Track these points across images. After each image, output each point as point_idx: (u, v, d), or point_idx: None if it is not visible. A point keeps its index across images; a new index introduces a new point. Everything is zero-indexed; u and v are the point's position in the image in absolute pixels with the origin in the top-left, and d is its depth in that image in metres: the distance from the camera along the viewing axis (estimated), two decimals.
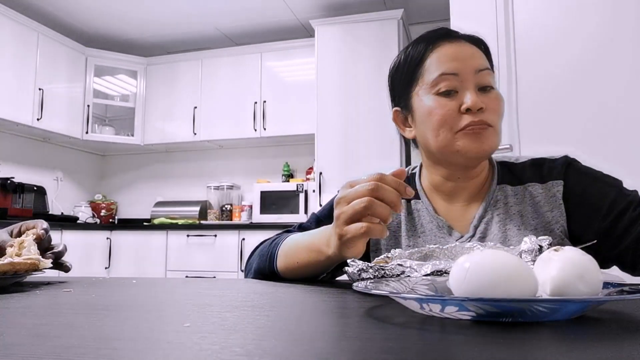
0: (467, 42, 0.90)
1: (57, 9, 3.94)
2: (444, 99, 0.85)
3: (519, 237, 0.86)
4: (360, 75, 3.60)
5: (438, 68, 0.87)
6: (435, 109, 0.86)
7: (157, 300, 0.62)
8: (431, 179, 0.96)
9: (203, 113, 4.31)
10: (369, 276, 0.65)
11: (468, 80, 0.85)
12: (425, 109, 0.88)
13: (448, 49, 0.88)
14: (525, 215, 0.88)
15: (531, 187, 0.90)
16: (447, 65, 0.86)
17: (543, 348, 0.33)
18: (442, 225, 0.92)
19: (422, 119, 0.89)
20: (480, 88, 0.86)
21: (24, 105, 3.71)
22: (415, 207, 0.96)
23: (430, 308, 0.43)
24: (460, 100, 0.84)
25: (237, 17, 4.10)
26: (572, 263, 0.44)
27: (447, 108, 0.85)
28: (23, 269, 0.71)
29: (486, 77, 0.86)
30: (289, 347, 0.34)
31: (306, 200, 3.86)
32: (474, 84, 0.85)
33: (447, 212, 0.93)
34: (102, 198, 4.67)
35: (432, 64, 0.88)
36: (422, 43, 0.92)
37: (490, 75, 0.88)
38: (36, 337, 0.37)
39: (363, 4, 3.85)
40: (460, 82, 0.85)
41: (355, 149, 3.53)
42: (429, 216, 0.94)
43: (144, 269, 3.96)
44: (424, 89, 0.88)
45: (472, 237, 0.89)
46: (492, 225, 0.89)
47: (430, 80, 0.87)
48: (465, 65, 0.86)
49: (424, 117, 0.88)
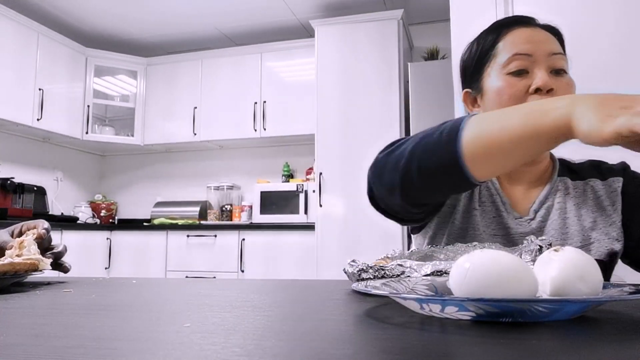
0: (541, 29, 0.91)
1: (57, 9, 3.94)
2: (514, 79, 0.86)
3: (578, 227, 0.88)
4: (360, 75, 3.60)
5: (512, 49, 0.88)
6: (505, 87, 0.87)
7: (157, 300, 0.62)
8: None
9: (203, 113, 4.32)
10: (369, 276, 0.65)
11: (541, 62, 0.85)
12: (495, 88, 0.89)
13: (523, 32, 0.89)
14: (585, 207, 0.90)
15: (592, 182, 0.92)
16: (521, 47, 0.87)
17: (543, 348, 0.33)
18: (504, 201, 0.92)
19: (490, 98, 0.90)
20: (553, 71, 0.86)
21: (24, 105, 3.71)
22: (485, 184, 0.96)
23: (430, 308, 0.43)
24: (530, 81, 0.85)
25: (237, 17, 4.11)
26: (572, 263, 0.44)
27: (516, 88, 0.85)
28: (23, 269, 0.71)
29: (560, 60, 0.87)
30: (289, 347, 0.34)
31: (306, 201, 3.86)
32: (546, 65, 0.85)
33: (509, 193, 0.94)
34: (102, 198, 4.67)
35: (506, 45, 0.89)
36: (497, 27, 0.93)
37: (564, 60, 0.88)
38: (36, 337, 0.37)
39: (363, 4, 3.85)
40: (532, 63, 0.86)
41: (355, 149, 3.53)
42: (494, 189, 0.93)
43: (144, 269, 3.96)
44: (495, 69, 0.89)
45: (532, 220, 0.90)
46: (553, 212, 0.90)
47: (504, 59, 0.88)
48: (539, 47, 0.86)
49: (492, 96, 0.89)
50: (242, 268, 3.77)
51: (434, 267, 0.62)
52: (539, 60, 0.85)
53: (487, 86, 0.91)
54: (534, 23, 0.92)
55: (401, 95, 3.53)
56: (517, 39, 0.88)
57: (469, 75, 0.96)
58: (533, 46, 0.86)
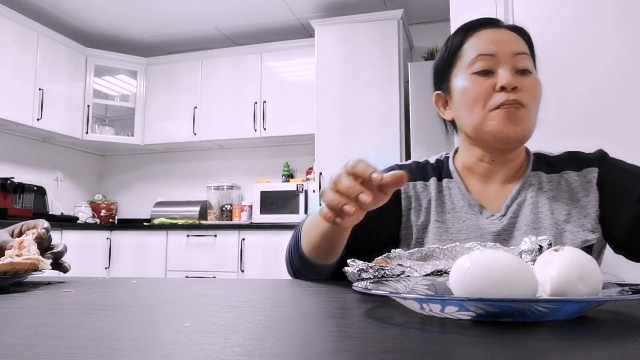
0: (507, 30, 0.92)
1: (57, 9, 3.94)
2: (480, 78, 0.88)
3: (551, 220, 0.88)
4: (360, 75, 3.60)
5: (476, 49, 0.89)
6: (471, 86, 0.88)
7: (157, 300, 0.62)
8: (466, 160, 0.98)
9: (203, 113, 4.31)
10: (369, 276, 0.65)
11: (505, 61, 0.87)
12: (462, 88, 0.90)
13: (488, 33, 0.91)
14: (559, 200, 0.90)
15: (567, 175, 0.93)
16: (485, 47, 0.89)
17: (543, 348, 0.33)
18: (473, 204, 0.94)
19: (458, 98, 0.92)
20: (518, 71, 0.87)
21: (24, 105, 3.71)
22: (447, 185, 0.98)
23: (430, 308, 0.43)
24: (495, 80, 0.86)
25: (237, 17, 4.11)
26: (572, 263, 0.44)
27: (482, 87, 0.87)
28: (23, 269, 0.71)
29: (524, 60, 0.88)
30: (289, 347, 0.34)
31: (306, 201, 3.86)
32: (510, 65, 0.87)
33: (481, 193, 0.95)
34: (102, 198, 4.67)
35: (471, 46, 0.91)
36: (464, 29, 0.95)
37: (528, 60, 0.89)
38: (36, 337, 0.37)
39: (363, 4, 3.85)
40: (496, 63, 0.87)
41: (355, 149, 3.53)
42: (461, 194, 0.96)
43: (144, 269, 3.96)
44: (461, 69, 0.91)
45: (504, 216, 0.91)
46: (525, 207, 0.91)
47: (469, 60, 0.90)
48: (503, 47, 0.88)
49: (460, 95, 0.91)
50: (242, 268, 3.77)
51: (434, 267, 0.62)
52: (503, 60, 0.87)
53: (454, 86, 0.93)
54: (499, 24, 0.93)
55: (401, 95, 3.53)
56: (482, 40, 0.90)
57: (439, 77, 0.98)
58: (497, 46, 0.88)
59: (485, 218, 0.92)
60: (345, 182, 0.65)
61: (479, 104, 0.87)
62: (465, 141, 0.97)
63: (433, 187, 0.98)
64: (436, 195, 0.97)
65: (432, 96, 1.01)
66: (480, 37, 0.91)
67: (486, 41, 0.89)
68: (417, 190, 0.99)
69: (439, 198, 0.97)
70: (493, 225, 0.90)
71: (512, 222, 0.90)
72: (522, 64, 0.87)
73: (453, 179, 0.98)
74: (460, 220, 0.93)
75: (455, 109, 0.94)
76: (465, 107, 0.90)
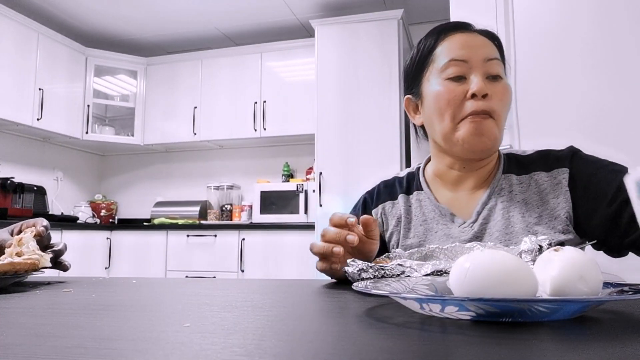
0: (478, 34, 0.92)
1: (57, 9, 3.94)
2: (453, 84, 0.87)
3: (522, 224, 0.87)
4: (360, 75, 3.60)
5: (448, 54, 0.89)
6: (443, 92, 0.88)
7: (157, 300, 0.62)
8: (437, 168, 0.98)
9: (203, 113, 4.31)
10: (369, 276, 0.65)
11: (477, 67, 0.87)
12: (434, 93, 0.90)
13: (459, 37, 0.91)
14: (530, 202, 0.89)
15: (537, 176, 0.91)
16: (457, 52, 0.88)
17: (543, 348, 0.33)
18: (444, 213, 0.94)
19: (429, 103, 0.91)
20: (489, 77, 0.87)
21: (24, 105, 3.71)
22: (417, 197, 0.99)
23: (430, 308, 0.43)
24: (467, 86, 0.86)
25: (237, 17, 4.11)
26: (572, 263, 0.44)
27: (454, 93, 0.87)
28: (23, 269, 0.71)
29: (495, 66, 0.88)
30: (289, 347, 0.34)
31: (306, 200, 3.86)
32: (482, 71, 0.87)
33: (451, 201, 0.95)
34: (102, 198, 4.67)
35: (443, 51, 0.90)
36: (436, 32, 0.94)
37: (499, 65, 0.89)
38: (36, 337, 0.37)
39: (363, 4, 3.85)
40: (468, 69, 0.87)
41: (355, 149, 3.53)
42: (431, 205, 0.96)
43: (144, 269, 3.96)
44: (434, 74, 0.91)
45: (474, 223, 0.90)
46: (495, 212, 0.90)
47: (440, 65, 0.89)
48: (475, 53, 0.87)
49: (431, 101, 0.91)
50: (242, 268, 3.77)
51: (434, 267, 0.62)
52: (475, 66, 0.87)
53: (426, 91, 0.92)
54: (471, 29, 0.93)
55: (401, 95, 3.53)
56: (454, 44, 0.90)
57: (410, 81, 0.98)
58: (469, 52, 0.88)
59: (457, 226, 0.91)
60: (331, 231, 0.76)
61: (450, 111, 0.87)
62: (435, 148, 0.97)
63: (402, 203, 0.99)
64: (406, 210, 0.98)
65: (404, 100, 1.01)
66: (452, 42, 0.90)
67: (458, 46, 0.89)
68: (386, 211, 1.01)
69: (408, 213, 0.98)
70: (464, 233, 0.90)
71: (483, 228, 0.89)
72: (493, 69, 0.87)
73: (423, 190, 0.99)
74: (433, 231, 0.93)
75: (426, 115, 0.94)
76: (436, 113, 0.90)
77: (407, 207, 0.98)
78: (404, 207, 0.98)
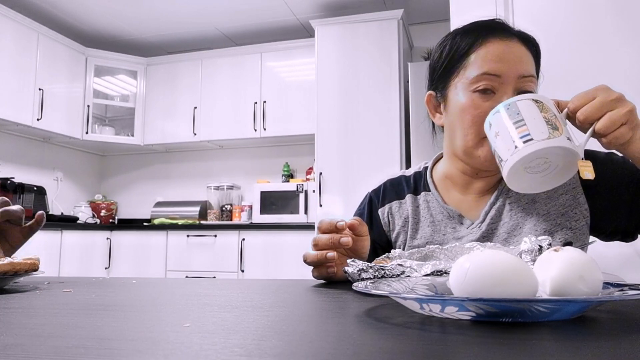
0: (518, 41, 0.87)
1: (57, 9, 3.94)
2: (480, 99, 0.84)
3: (530, 224, 0.87)
4: (360, 75, 3.60)
5: (482, 66, 0.85)
6: (469, 107, 0.85)
7: (157, 300, 0.62)
8: (448, 170, 0.97)
9: (203, 113, 4.32)
10: (369, 276, 0.65)
11: (509, 84, 0.83)
12: (460, 104, 0.87)
13: (497, 46, 0.86)
14: (538, 201, 0.89)
15: None
16: (491, 65, 0.84)
17: (543, 348, 0.33)
18: (452, 215, 0.94)
19: (454, 112, 0.89)
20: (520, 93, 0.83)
21: (24, 105, 3.71)
22: (425, 198, 0.98)
23: (430, 308, 0.43)
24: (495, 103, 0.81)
25: (237, 17, 4.11)
26: (572, 263, 0.44)
27: (480, 109, 0.83)
28: (23, 269, 0.71)
29: (528, 83, 0.85)
30: (289, 347, 0.34)
31: (306, 201, 3.86)
32: (514, 88, 0.84)
33: (460, 202, 0.94)
34: (102, 198, 4.67)
35: (478, 59, 0.86)
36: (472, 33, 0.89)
37: (533, 82, 0.86)
38: (36, 337, 0.37)
39: (363, 4, 3.85)
40: (500, 84, 0.84)
41: (355, 149, 3.53)
42: (439, 207, 0.95)
43: (144, 269, 3.96)
44: (463, 82, 0.87)
45: (482, 223, 0.90)
46: (504, 212, 0.90)
47: (472, 76, 0.85)
48: (510, 68, 0.84)
49: (457, 111, 0.88)
50: (242, 268, 3.77)
51: (434, 267, 0.62)
52: (507, 82, 0.83)
53: (452, 98, 0.89)
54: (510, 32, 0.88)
55: (401, 95, 3.53)
56: (490, 54, 0.85)
57: (436, 79, 0.94)
58: (504, 66, 0.84)
59: (466, 228, 0.91)
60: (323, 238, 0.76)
61: (474, 128, 0.84)
62: (450, 151, 0.94)
63: (409, 203, 0.98)
64: (413, 211, 0.97)
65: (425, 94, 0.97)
66: (488, 50, 0.85)
67: (494, 57, 0.84)
68: (393, 211, 1.00)
69: (416, 214, 0.97)
70: (472, 234, 0.90)
71: (491, 228, 0.90)
72: (526, 87, 0.84)
73: (430, 191, 0.98)
74: (440, 233, 0.93)
75: (449, 121, 0.91)
76: (460, 127, 0.87)
77: (414, 207, 0.98)
78: (412, 207, 0.98)
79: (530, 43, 0.89)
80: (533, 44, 0.90)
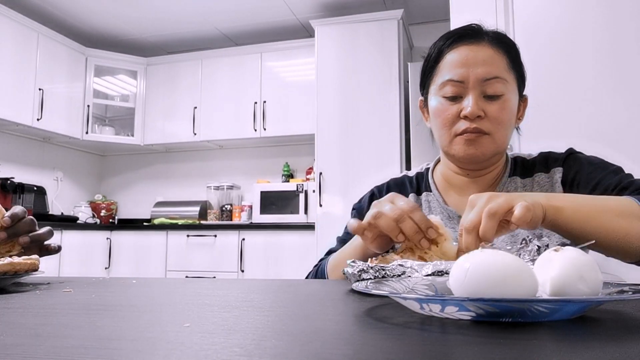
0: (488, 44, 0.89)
1: (57, 9, 3.94)
2: (447, 103, 0.89)
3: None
4: (360, 75, 3.60)
5: (447, 73, 0.90)
6: (439, 111, 0.91)
7: (157, 300, 0.62)
8: (444, 171, 1.01)
9: (203, 113, 4.32)
10: (369, 276, 0.65)
11: (473, 88, 0.87)
12: (433, 108, 0.93)
13: (462, 52, 0.90)
14: None
15: (538, 177, 0.94)
16: (455, 72, 0.89)
17: (543, 348, 0.33)
18: (452, 216, 0.96)
19: (432, 117, 0.95)
20: (486, 96, 0.88)
21: (24, 105, 3.71)
22: (426, 199, 1.01)
23: (430, 308, 0.43)
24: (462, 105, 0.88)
25: (237, 17, 4.11)
26: (572, 263, 0.44)
27: (448, 112, 0.89)
28: (23, 269, 0.71)
29: (493, 85, 0.87)
30: (289, 347, 0.34)
31: (306, 201, 3.86)
32: (479, 92, 0.87)
33: (459, 204, 0.97)
34: (102, 198, 4.67)
35: (445, 67, 0.91)
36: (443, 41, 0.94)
37: (500, 83, 0.88)
38: (36, 337, 0.37)
39: (363, 4, 3.85)
40: (464, 89, 0.88)
41: (355, 149, 3.53)
42: (440, 207, 0.98)
43: (144, 269, 3.96)
44: (434, 89, 0.93)
45: None
46: None
47: (439, 82, 0.91)
48: (473, 72, 0.87)
49: (432, 115, 0.94)
50: (242, 268, 3.77)
51: (434, 267, 0.62)
52: (472, 87, 0.87)
53: (430, 103, 0.95)
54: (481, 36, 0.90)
55: (401, 95, 3.53)
56: (455, 62, 0.89)
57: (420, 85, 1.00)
58: (467, 71, 0.87)
59: None
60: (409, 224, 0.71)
61: (446, 129, 0.90)
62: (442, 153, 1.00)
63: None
64: None
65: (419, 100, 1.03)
66: (454, 57, 0.90)
67: (458, 64, 0.89)
68: None
69: None
70: None
71: None
72: (491, 89, 0.87)
73: (432, 192, 1.01)
74: None
75: (431, 124, 0.97)
76: (435, 127, 0.94)
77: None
78: None
79: (503, 43, 0.91)
80: (506, 43, 0.92)
